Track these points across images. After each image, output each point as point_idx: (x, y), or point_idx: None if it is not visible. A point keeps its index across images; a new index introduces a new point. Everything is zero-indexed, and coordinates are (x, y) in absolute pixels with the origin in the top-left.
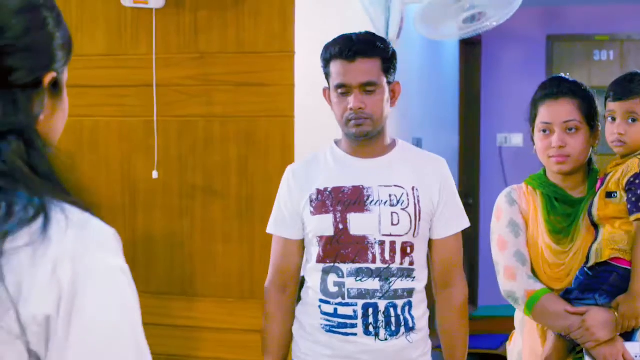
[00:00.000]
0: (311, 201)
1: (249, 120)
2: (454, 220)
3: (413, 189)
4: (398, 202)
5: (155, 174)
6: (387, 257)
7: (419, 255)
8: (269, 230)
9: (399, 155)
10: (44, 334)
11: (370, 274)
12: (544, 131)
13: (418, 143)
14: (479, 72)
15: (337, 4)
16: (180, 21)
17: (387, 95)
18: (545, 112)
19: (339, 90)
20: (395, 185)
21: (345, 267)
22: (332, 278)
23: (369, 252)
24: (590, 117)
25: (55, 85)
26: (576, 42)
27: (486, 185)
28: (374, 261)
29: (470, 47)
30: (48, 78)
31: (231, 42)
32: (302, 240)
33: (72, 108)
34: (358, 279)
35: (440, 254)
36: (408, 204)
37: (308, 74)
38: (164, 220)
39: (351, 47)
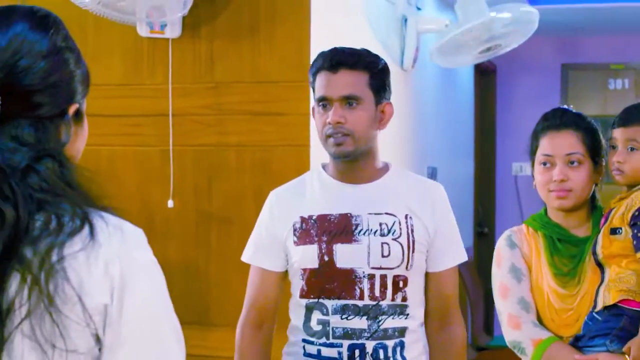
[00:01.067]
0: (295, 230)
1: (264, 149)
2: (452, 252)
3: (406, 217)
4: (389, 231)
5: (170, 203)
6: (376, 292)
7: (414, 290)
8: (244, 258)
9: (391, 180)
10: (103, 320)
11: (357, 311)
12: (545, 164)
13: (433, 172)
14: (494, 100)
15: (351, 34)
16: (196, 51)
17: (373, 113)
18: (546, 144)
19: (320, 104)
20: (387, 213)
21: (330, 304)
22: (315, 315)
23: (356, 287)
24: (594, 150)
25: (77, 114)
26: (591, 70)
27: (502, 214)
28: (361, 297)
29: (485, 76)
30: (72, 109)
31: (247, 71)
32: (284, 273)
33: (89, 137)
34: (344, 316)
35: (437, 288)
36: (400, 234)
37: None
38: (180, 249)
39: (334, 57)
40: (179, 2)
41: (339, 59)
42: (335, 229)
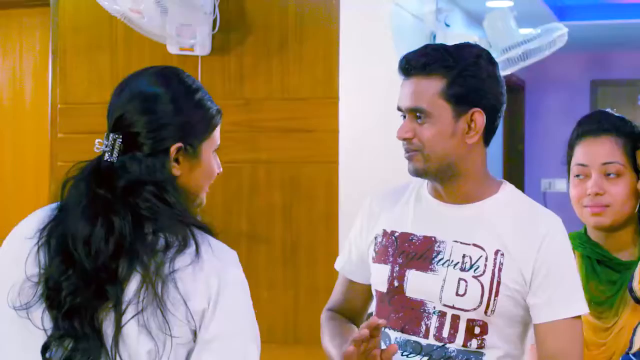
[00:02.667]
0: (375, 244)
1: (293, 165)
2: (560, 300)
3: (497, 253)
4: (471, 267)
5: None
6: (444, 333)
7: (497, 340)
8: (335, 265)
9: (495, 205)
10: (200, 321)
11: (419, 350)
12: (578, 176)
13: None
14: (523, 117)
15: (381, 51)
16: (226, 68)
17: (449, 127)
18: (581, 153)
19: (400, 114)
20: (474, 245)
21: (394, 336)
22: (382, 346)
23: (423, 323)
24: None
25: (187, 151)
26: (620, 87)
27: None
28: (426, 335)
29: (515, 92)
30: (173, 148)
31: (276, 88)
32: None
33: None
34: (404, 353)
35: (541, 344)
36: (484, 272)
37: (352, 120)
38: None
39: (406, 58)
40: (209, 20)
41: (410, 62)
42: (415, 252)
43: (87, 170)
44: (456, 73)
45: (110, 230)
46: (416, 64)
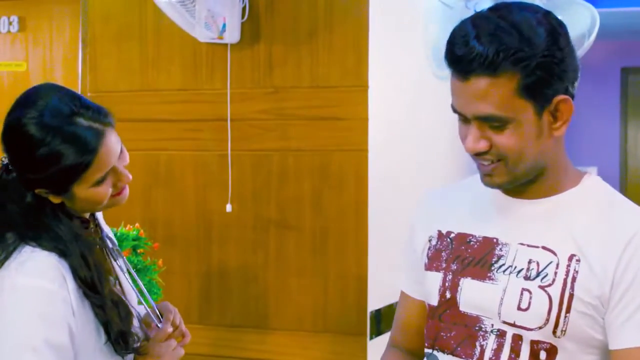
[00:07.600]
0: (429, 248)
1: (323, 154)
2: None
3: (571, 258)
4: (538, 274)
5: (229, 207)
6: (503, 357)
7: None
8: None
9: (573, 200)
10: None
11: None
12: None
13: None
14: None
15: (410, 38)
16: (255, 56)
17: (535, 126)
18: None
19: (457, 114)
20: (544, 248)
21: (444, 359)
22: None
23: (477, 344)
24: None
25: (57, 193)
26: None
27: None
28: (481, 359)
29: None
30: (38, 192)
31: (305, 76)
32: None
33: (148, 142)
34: None
35: None
36: (553, 281)
37: (382, 108)
38: (238, 253)
39: (462, 56)
40: (238, 8)
41: (470, 60)
42: (472, 256)
43: None
44: (534, 65)
45: None
46: (480, 62)
